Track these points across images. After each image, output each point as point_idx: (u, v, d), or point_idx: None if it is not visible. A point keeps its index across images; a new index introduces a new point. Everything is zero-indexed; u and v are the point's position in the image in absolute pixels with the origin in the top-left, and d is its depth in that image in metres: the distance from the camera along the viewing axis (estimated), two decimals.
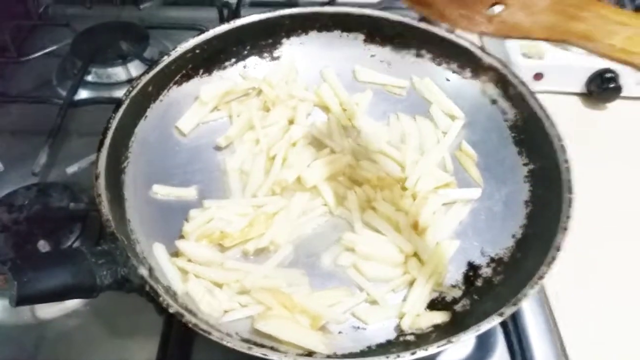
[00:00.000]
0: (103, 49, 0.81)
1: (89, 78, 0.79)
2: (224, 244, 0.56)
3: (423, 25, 0.71)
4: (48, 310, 0.57)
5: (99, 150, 0.54)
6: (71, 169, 0.66)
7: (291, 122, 0.68)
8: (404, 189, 0.62)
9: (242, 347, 0.44)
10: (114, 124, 0.57)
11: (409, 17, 0.71)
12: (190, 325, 0.44)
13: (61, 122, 0.70)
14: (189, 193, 0.61)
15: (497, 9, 0.42)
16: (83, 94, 0.78)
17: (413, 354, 0.43)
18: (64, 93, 0.77)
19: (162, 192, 0.60)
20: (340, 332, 0.51)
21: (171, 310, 0.45)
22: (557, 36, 0.41)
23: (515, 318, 0.57)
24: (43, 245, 0.58)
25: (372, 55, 0.74)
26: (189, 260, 0.54)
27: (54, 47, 0.82)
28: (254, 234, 0.56)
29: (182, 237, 0.56)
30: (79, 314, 0.57)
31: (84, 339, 0.56)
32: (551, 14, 0.41)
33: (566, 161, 0.56)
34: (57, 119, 0.70)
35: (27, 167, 0.67)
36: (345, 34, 0.74)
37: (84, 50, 0.81)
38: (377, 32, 0.73)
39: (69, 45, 0.82)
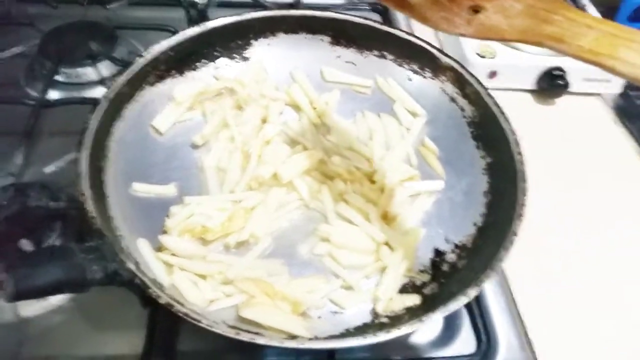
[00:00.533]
0: (72, 49, 0.81)
1: (59, 78, 0.79)
2: (205, 237, 0.58)
3: (385, 28, 0.75)
4: (31, 308, 0.58)
5: (79, 150, 0.55)
6: (49, 169, 0.66)
7: (264, 120, 0.70)
8: (372, 182, 0.66)
9: (230, 333, 0.46)
10: (91, 124, 0.58)
11: (372, 20, 0.75)
12: (180, 314, 0.46)
13: (35, 122, 0.71)
14: (169, 190, 0.63)
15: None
16: (54, 94, 0.77)
17: (388, 332, 0.47)
18: (33, 93, 0.77)
19: (142, 189, 0.61)
20: (319, 317, 0.55)
21: (161, 301, 0.47)
22: (531, 38, 0.43)
23: (479, 300, 0.62)
24: (25, 244, 0.59)
25: (338, 57, 0.77)
26: (173, 255, 0.56)
27: (20, 48, 0.81)
28: (234, 227, 0.59)
29: (164, 232, 0.58)
30: (63, 310, 0.58)
31: (69, 334, 0.57)
32: (525, 18, 0.43)
33: (519, 153, 0.60)
34: (30, 119, 0.70)
35: (1, 168, 0.66)
36: (311, 36, 0.76)
37: (52, 51, 0.80)
38: (342, 34, 0.76)
39: (36, 45, 0.81)
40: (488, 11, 0.44)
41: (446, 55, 0.72)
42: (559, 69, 0.87)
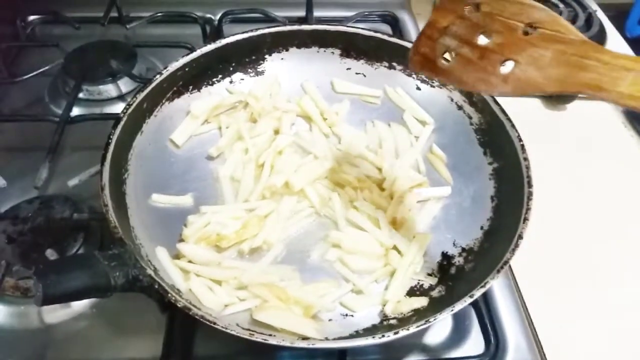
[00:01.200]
0: (93, 68, 0.85)
1: (81, 95, 0.83)
2: (220, 245, 0.61)
3: (394, 40, 0.77)
4: (55, 315, 0.61)
5: (102, 164, 0.58)
6: (72, 182, 0.69)
7: (277, 132, 0.73)
8: (382, 189, 0.68)
9: (245, 334, 0.48)
10: (114, 139, 0.61)
11: (381, 32, 0.77)
12: (197, 317, 0.49)
13: (59, 138, 0.74)
14: (186, 200, 0.65)
15: (509, 66, 0.44)
16: (76, 110, 0.81)
17: (396, 333, 0.48)
18: (57, 110, 0.81)
19: (160, 200, 0.64)
20: (330, 320, 0.56)
21: (179, 305, 0.49)
22: (570, 88, 0.41)
23: (488, 302, 0.63)
24: (51, 254, 0.62)
25: (348, 69, 0.79)
26: (189, 261, 0.59)
27: (45, 67, 0.85)
28: (247, 235, 0.61)
29: (182, 240, 0.61)
30: (85, 316, 0.61)
31: (91, 340, 0.59)
32: (559, 66, 0.41)
33: (525, 159, 0.61)
34: (55, 135, 0.74)
35: (27, 181, 0.70)
36: (322, 49, 0.79)
37: (75, 69, 0.84)
38: (352, 47, 0.79)
39: (60, 64, 0.85)
40: (521, 64, 0.43)
41: None
42: None
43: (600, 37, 0.95)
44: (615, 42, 0.95)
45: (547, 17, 0.43)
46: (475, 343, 0.60)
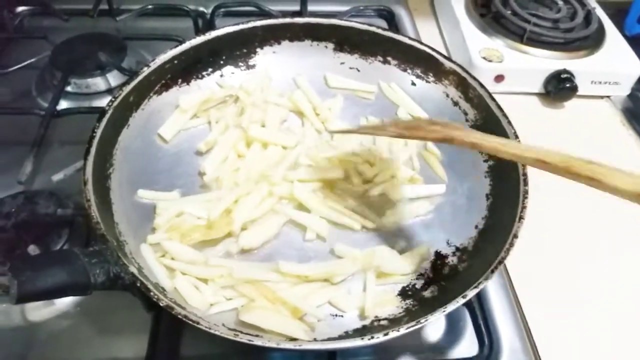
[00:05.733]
0: (82, 60, 0.83)
1: (69, 88, 0.81)
2: (191, 236, 0.58)
3: (388, 34, 0.76)
4: (38, 313, 0.59)
5: (85, 158, 0.57)
6: (57, 177, 0.68)
7: (264, 125, 0.71)
8: (374, 184, 0.66)
9: (229, 334, 0.47)
10: (98, 133, 0.59)
11: (375, 26, 0.76)
12: (180, 317, 0.47)
13: (45, 132, 0.72)
14: (173, 197, 0.63)
15: None
16: (64, 104, 0.79)
17: (386, 334, 0.47)
18: (44, 104, 0.79)
19: (146, 196, 0.63)
20: (319, 320, 0.55)
21: (162, 304, 0.48)
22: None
23: (482, 303, 0.62)
24: (33, 250, 0.60)
25: (342, 63, 0.78)
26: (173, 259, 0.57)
27: (32, 60, 0.83)
28: (220, 225, 0.59)
29: (154, 229, 0.60)
30: (69, 315, 0.59)
31: (75, 339, 0.58)
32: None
33: None
34: (40, 129, 0.72)
35: (11, 176, 0.68)
36: (315, 43, 0.78)
37: (63, 62, 0.83)
38: (346, 41, 0.77)
39: (47, 57, 0.84)
40: None
41: (449, 59, 0.73)
42: (567, 71, 0.87)
43: (599, 35, 0.93)
44: (615, 40, 0.93)
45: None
46: (469, 344, 0.59)
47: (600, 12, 0.98)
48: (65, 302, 0.60)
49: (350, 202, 0.64)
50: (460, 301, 0.49)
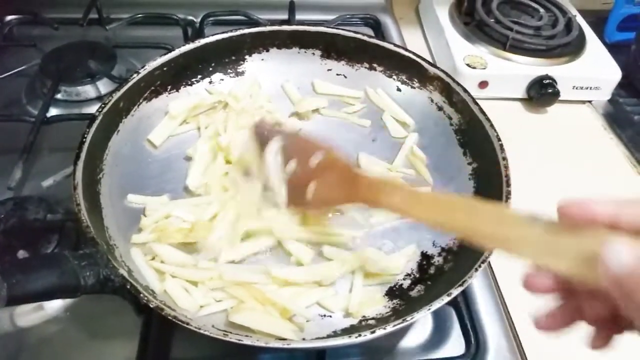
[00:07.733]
0: (72, 68, 0.84)
1: (59, 96, 0.81)
2: (175, 238, 0.59)
3: (374, 41, 0.77)
4: (27, 318, 0.59)
5: (75, 163, 0.57)
6: (47, 183, 0.68)
7: None
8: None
9: (219, 334, 0.47)
10: (88, 138, 0.60)
11: (362, 34, 0.77)
12: (170, 317, 0.47)
13: (34, 139, 0.72)
14: (162, 201, 0.64)
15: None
16: (53, 111, 0.79)
17: (373, 332, 0.47)
18: (34, 111, 0.79)
19: (136, 201, 0.63)
20: (308, 321, 0.56)
21: (152, 305, 0.48)
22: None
23: (468, 302, 0.62)
24: (22, 255, 0.60)
25: (329, 70, 0.79)
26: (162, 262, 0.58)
27: (22, 67, 0.83)
28: (204, 228, 0.60)
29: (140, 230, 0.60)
30: (59, 319, 0.59)
31: (65, 343, 0.57)
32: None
33: (504, 158, 0.61)
34: (29, 135, 0.72)
35: (0, 182, 0.68)
36: (303, 50, 0.79)
37: (53, 70, 0.83)
38: (333, 48, 0.78)
39: (37, 65, 0.84)
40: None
41: (434, 65, 0.74)
42: (549, 77, 0.89)
43: (580, 42, 0.96)
44: (595, 46, 0.96)
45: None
46: (456, 344, 0.60)
47: (580, 20, 1.00)
48: (54, 307, 0.60)
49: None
50: (445, 299, 0.49)
